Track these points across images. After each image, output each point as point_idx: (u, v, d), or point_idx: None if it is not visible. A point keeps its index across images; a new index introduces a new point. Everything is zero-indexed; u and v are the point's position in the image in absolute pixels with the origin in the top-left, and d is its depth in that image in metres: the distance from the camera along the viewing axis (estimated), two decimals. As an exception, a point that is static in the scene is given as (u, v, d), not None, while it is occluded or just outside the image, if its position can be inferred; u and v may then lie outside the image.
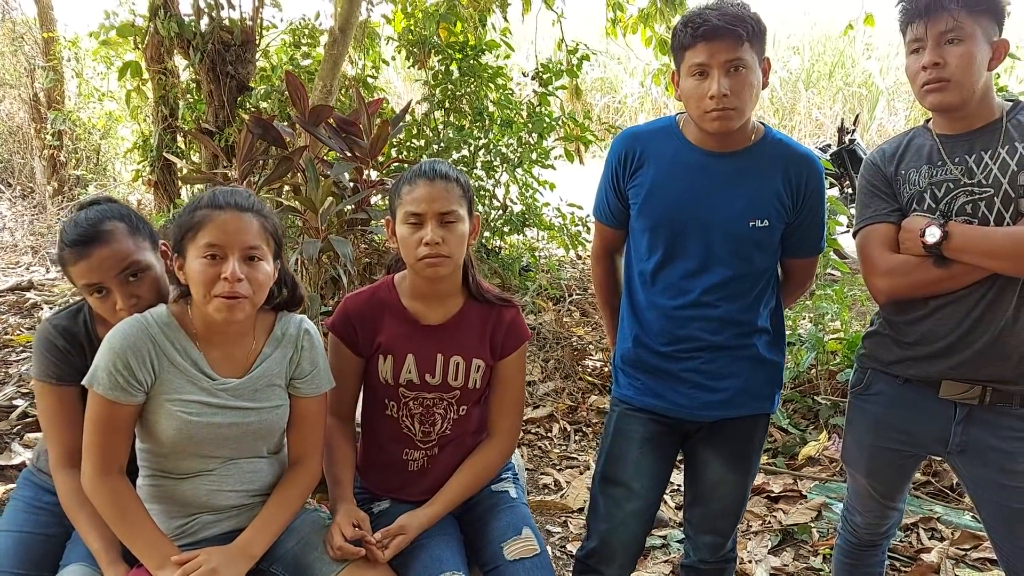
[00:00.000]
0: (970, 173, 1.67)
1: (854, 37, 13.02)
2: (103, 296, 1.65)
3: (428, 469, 1.84)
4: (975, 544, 2.85)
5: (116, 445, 1.56)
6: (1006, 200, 1.63)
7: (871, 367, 1.85)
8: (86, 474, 1.56)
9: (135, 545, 1.53)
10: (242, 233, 1.54)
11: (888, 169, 1.77)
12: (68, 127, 8.13)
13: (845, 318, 3.96)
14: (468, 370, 1.81)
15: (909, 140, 1.78)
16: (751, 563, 2.80)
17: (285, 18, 6.53)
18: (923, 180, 1.71)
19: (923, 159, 1.73)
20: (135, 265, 1.66)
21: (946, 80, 1.61)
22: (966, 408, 1.71)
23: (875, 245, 1.74)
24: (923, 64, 1.63)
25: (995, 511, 1.75)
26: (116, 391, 1.52)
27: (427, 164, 1.75)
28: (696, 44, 1.67)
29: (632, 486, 1.87)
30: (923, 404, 1.76)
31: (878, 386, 1.83)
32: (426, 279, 1.76)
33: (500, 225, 5.53)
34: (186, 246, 1.56)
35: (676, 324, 1.82)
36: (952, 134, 1.71)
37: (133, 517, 1.54)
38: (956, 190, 1.67)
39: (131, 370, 1.53)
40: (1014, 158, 1.63)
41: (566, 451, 3.70)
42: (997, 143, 1.65)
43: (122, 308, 1.63)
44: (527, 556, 1.71)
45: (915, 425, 1.79)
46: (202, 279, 1.52)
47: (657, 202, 1.81)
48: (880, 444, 1.85)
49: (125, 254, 1.65)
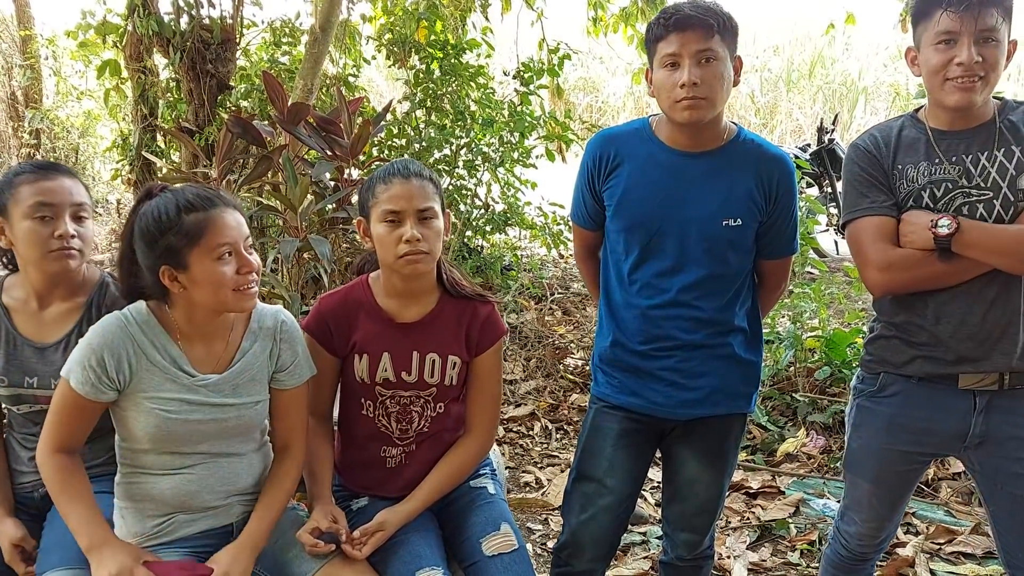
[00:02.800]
0: (968, 175, 1.66)
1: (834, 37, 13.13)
2: (45, 222, 1.71)
3: (406, 466, 1.84)
4: (949, 538, 2.89)
5: (74, 431, 1.60)
6: (1005, 203, 1.64)
7: (882, 370, 1.81)
8: (40, 447, 1.59)
9: (70, 520, 1.55)
10: (240, 227, 1.60)
11: (885, 160, 1.73)
12: (46, 126, 8.06)
13: (823, 316, 4.00)
14: (444, 367, 1.81)
15: (900, 131, 1.74)
16: (730, 559, 2.83)
17: (265, 17, 6.49)
18: (922, 178, 1.69)
19: (920, 155, 1.70)
20: (84, 208, 1.77)
21: (980, 78, 1.59)
22: (986, 396, 1.70)
23: (873, 238, 1.70)
24: (960, 60, 1.58)
25: (1006, 502, 1.74)
26: (86, 387, 1.54)
27: (399, 163, 1.76)
28: (668, 35, 1.69)
29: (606, 482, 1.89)
30: (941, 400, 1.74)
31: (893, 387, 1.79)
32: (405, 277, 1.76)
33: (482, 224, 5.53)
34: (189, 252, 1.53)
35: (652, 323, 1.84)
36: (948, 130, 1.69)
37: (75, 493, 1.56)
38: (955, 191, 1.67)
39: (104, 368, 1.54)
40: (1012, 161, 1.64)
41: (547, 449, 3.72)
42: (993, 145, 1.65)
43: (62, 235, 1.70)
44: (505, 551, 1.72)
45: (932, 423, 1.75)
46: (221, 279, 1.54)
47: (631, 203, 1.82)
48: (892, 446, 1.81)
49: (82, 194, 1.78)
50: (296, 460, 1.74)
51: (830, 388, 3.83)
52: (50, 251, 1.71)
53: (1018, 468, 1.70)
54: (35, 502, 1.80)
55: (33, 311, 1.79)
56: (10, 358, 1.76)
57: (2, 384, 1.77)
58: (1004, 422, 1.70)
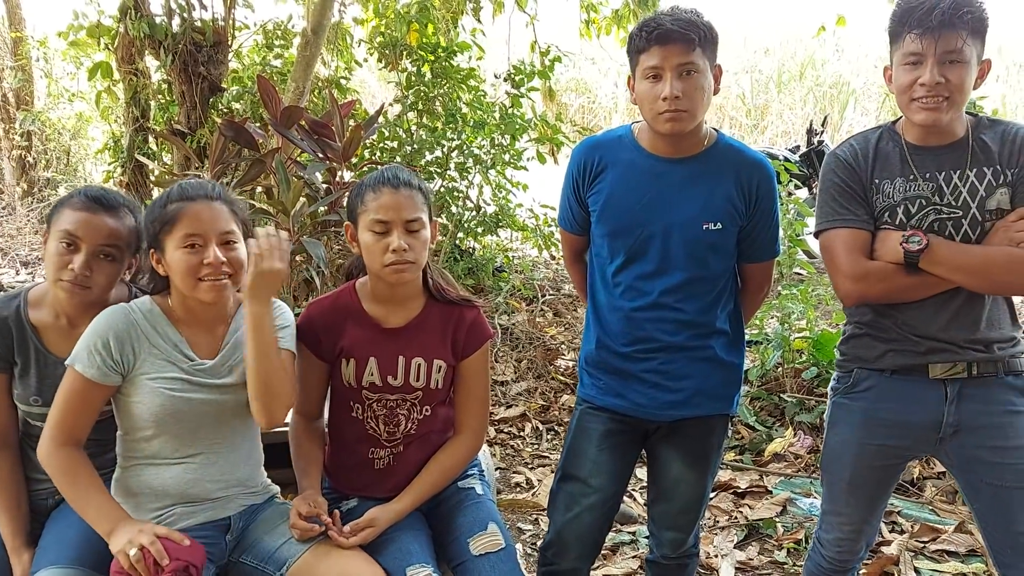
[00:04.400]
0: (940, 192, 1.72)
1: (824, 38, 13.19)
2: (68, 251, 1.70)
3: (394, 467, 1.87)
4: (934, 537, 2.94)
5: (80, 421, 1.64)
6: (973, 223, 1.71)
7: (856, 366, 1.85)
8: (44, 443, 1.62)
9: (87, 511, 1.59)
10: (217, 221, 1.65)
11: (863, 173, 1.77)
12: (38, 128, 8.04)
13: (811, 317, 4.04)
14: (430, 371, 1.84)
15: (876, 143, 1.79)
16: (717, 557, 2.86)
17: (257, 19, 6.51)
18: (897, 194, 1.74)
19: (896, 171, 1.75)
20: (115, 248, 1.74)
21: (945, 99, 1.64)
22: (957, 385, 1.75)
23: (847, 250, 1.75)
24: (923, 81, 1.64)
25: (988, 496, 1.77)
26: (92, 370, 1.60)
27: (389, 171, 1.79)
28: (650, 47, 1.72)
29: (590, 482, 1.92)
30: (914, 391, 1.78)
31: (867, 383, 1.83)
32: (391, 284, 1.79)
33: (474, 226, 5.56)
34: (163, 240, 1.65)
35: (635, 325, 1.87)
36: (922, 145, 1.74)
37: (84, 483, 1.61)
38: (928, 207, 1.72)
39: (110, 351, 1.61)
40: (983, 183, 1.70)
41: (538, 450, 3.75)
42: (966, 164, 1.71)
43: (73, 269, 1.68)
44: (492, 551, 1.75)
45: (906, 415, 1.79)
46: (186, 267, 1.62)
47: (615, 208, 1.86)
48: (868, 441, 1.84)
49: (116, 234, 1.74)
50: None
51: (817, 388, 3.86)
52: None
53: (994, 456, 1.74)
54: (47, 509, 1.81)
55: (64, 330, 1.78)
56: (43, 377, 1.76)
57: (36, 403, 1.76)
58: (976, 410, 1.75)
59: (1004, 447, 1.73)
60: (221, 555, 1.72)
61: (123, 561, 1.52)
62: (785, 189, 4.43)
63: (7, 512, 1.74)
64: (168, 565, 1.51)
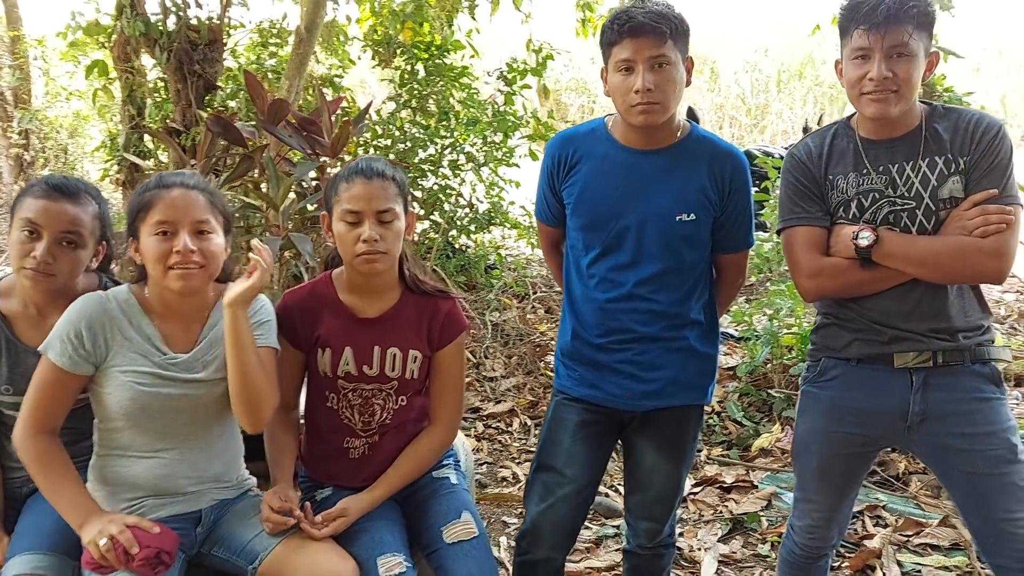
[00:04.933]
0: (893, 184, 1.74)
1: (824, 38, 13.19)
2: (30, 239, 1.70)
3: (369, 456, 1.88)
4: (917, 530, 2.94)
5: (54, 409, 1.64)
6: (927, 213, 1.72)
7: (823, 355, 1.88)
8: (19, 430, 1.63)
9: (59, 501, 1.60)
10: (190, 208, 1.63)
11: (817, 171, 1.81)
12: (35, 126, 8.09)
13: (799, 313, 4.04)
14: (405, 361, 1.85)
15: (832, 140, 1.82)
16: (700, 550, 2.87)
17: (253, 18, 6.53)
18: (851, 189, 1.77)
19: (849, 166, 1.78)
20: (77, 235, 1.74)
21: (893, 92, 1.67)
22: (922, 374, 1.76)
23: (804, 248, 1.80)
24: (871, 76, 1.66)
25: (963, 484, 1.78)
26: (64, 359, 1.60)
27: (364, 162, 1.80)
28: (622, 40, 1.74)
29: (565, 472, 1.93)
30: (879, 380, 1.79)
31: (834, 371, 1.86)
32: (363, 275, 1.80)
33: (467, 224, 5.57)
34: (139, 227, 1.65)
35: (609, 316, 1.88)
36: (876, 139, 1.77)
37: (58, 474, 1.62)
38: (881, 200, 1.75)
39: (82, 341, 1.61)
40: (934, 172, 1.71)
41: (525, 445, 3.76)
42: (918, 155, 1.73)
43: (35, 256, 1.68)
44: (465, 539, 1.77)
45: (872, 403, 1.81)
46: (155, 255, 1.61)
47: (589, 201, 1.87)
48: (834, 429, 1.85)
49: (77, 220, 1.74)
50: None
51: (806, 384, 3.87)
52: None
53: (963, 444, 1.75)
54: (23, 496, 1.82)
55: (34, 319, 1.79)
56: (13, 367, 1.77)
57: (8, 393, 1.77)
58: (943, 399, 1.76)
59: (973, 433, 1.73)
60: (192, 545, 1.73)
61: (93, 551, 1.53)
62: (774, 186, 4.42)
63: None
64: (138, 553, 1.53)
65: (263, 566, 1.67)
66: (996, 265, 1.67)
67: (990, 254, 1.66)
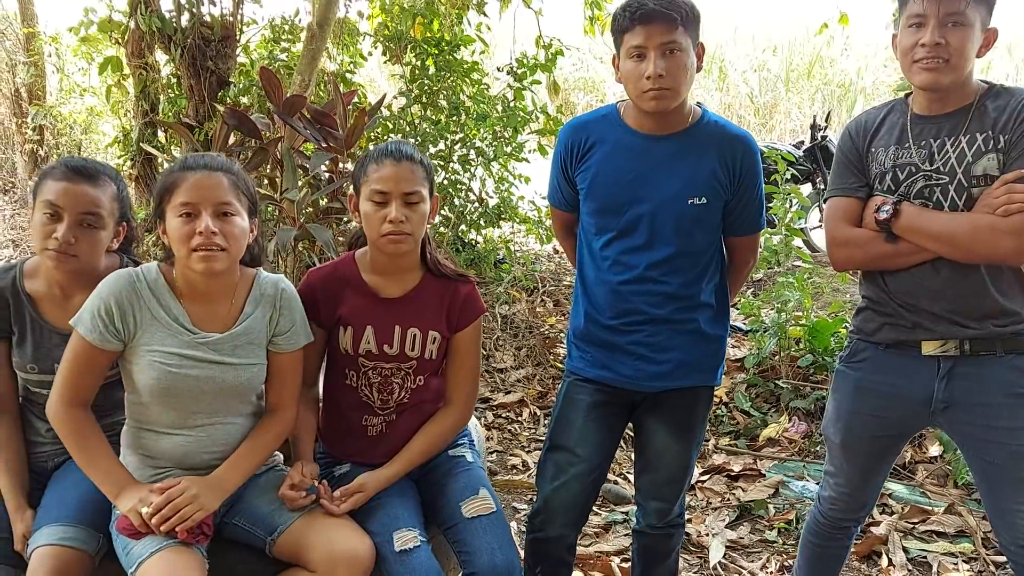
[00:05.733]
0: (931, 159, 1.75)
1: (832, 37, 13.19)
2: (51, 221, 1.75)
3: (387, 434, 1.93)
4: (923, 518, 2.98)
5: (86, 383, 1.68)
6: (959, 189, 1.72)
7: (857, 338, 1.92)
8: (53, 403, 1.67)
9: (94, 472, 1.66)
10: (213, 190, 1.66)
11: (861, 144, 1.84)
12: (49, 122, 8.15)
13: (808, 306, 4.08)
14: (424, 341, 1.90)
15: (886, 115, 1.84)
16: (708, 536, 2.91)
17: (265, 14, 6.58)
18: (888, 161, 1.79)
19: (893, 139, 1.80)
20: (96, 216, 1.78)
21: (944, 61, 1.66)
22: (949, 363, 1.78)
23: (837, 218, 1.85)
24: (923, 41, 1.67)
25: (978, 468, 1.83)
26: (94, 334, 1.64)
27: (393, 144, 1.85)
28: (634, 27, 1.78)
29: (577, 451, 1.98)
30: (905, 366, 1.82)
31: (864, 353, 1.90)
32: (388, 255, 1.85)
33: (476, 219, 5.61)
34: (164, 208, 1.68)
35: (622, 298, 1.93)
36: (926, 115, 1.78)
37: (93, 446, 1.67)
38: (917, 174, 1.76)
39: (112, 318, 1.65)
40: (971, 148, 1.71)
41: (535, 434, 3.80)
42: (961, 130, 1.72)
43: (57, 237, 1.72)
44: (484, 514, 1.81)
45: (897, 388, 1.83)
46: (179, 236, 1.64)
47: (601, 186, 1.92)
48: (858, 409, 1.90)
49: (97, 202, 1.78)
50: (283, 422, 1.82)
51: (813, 376, 3.91)
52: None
53: (987, 435, 1.77)
54: (48, 472, 1.87)
55: (58, 299, 1.83)
56: (38, 346, 1.82)
57: (33, 371, 1.83)
58: (968, 389, 1.77)
59: (995, 426, 1.75)
60: (216, 515, 1.77)
61: (134, 518, 1.59)
62: (783, 178, 4.45)
63: (8, 474, 1.79)
64: (183, 525, 1.59)
65: (280, 540, 1.71)
66: (1012, 243, 1.64)
67: (1007, 232, 1.64)
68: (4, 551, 1.72)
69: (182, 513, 1.59)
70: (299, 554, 1.69)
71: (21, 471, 1.83)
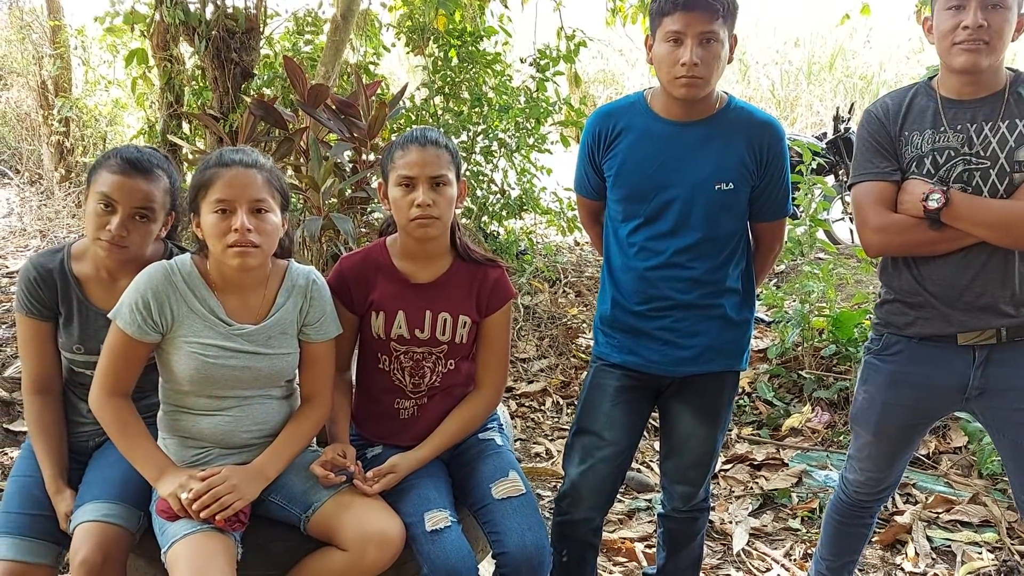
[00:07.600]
0: (970, 143, 1.75)
1: (855, 29, 13.07)
2: (105, 212, 1.78)
3: (418, 418, 1.96)
4: (947, 507, 2.97)
5: (125, 373, 1.73)
6: (1001, 174, 1.73)
7: (887, 332, 1.92)
8: (95, 393, 1.73)
9: (136, 458, 1.70)
10: (248, 187, 1.69)
11: (892, 127, 1.83)
12: (75, 114, 8.23)
13: (831, 297, 4.07)
14: (455, 326, 1.93)
15: (911, 99, 1.83)
16: (732, 523, 2.93)
17: (289, 6, 6.64)
18: (926, 145, 1.78)
19: (927, 123, 1.79)
20: (150, 210, 1.81)
21: (985, 43, 1.67)
22: (985, 350, 1.79)
23: (872, 202, 1.82)
24: (966, 23, 1.67)
25: (1009, 449, 1.84)
26: (132, 327, 1.68)
27: (418, 130, 1.88)
28: (674, 12, 1.78)
29: (604, 435, 2.00)
30: (941, 356, 1.83)
31: (897, 346, 1.89)
32: (417, 239, 1.88)
33: (498, 210, 5.64)
34: (200, 204, 1.72)
35: (649, 284, 1.95)
36: (958, 99, 1.78)
37: (134, 434, 1.72)
38: (956, 158, 1.76)
39: (150, 311, 1.69)
40: (1013, 134, 1.72)
41: (558, 423, 3.83)
42: (998, 116, 1.73)
43: (111, 229, 1.76)
44: (514, 495, 1.84)
45: (933, 379, 1.85)
46: (215, 232, 1.67)
47: (629, 173, 1.93)
48: (893, 401, 1.90)
49: (150, 196, 1.81)
50: (318, 410, 1.87)
51: (836, 366, 3.90)
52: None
53: (1018, 417, 1.79)
54: (89, 451, 1.92)
55: (105, 282, 1.88)
56: (85, 327, 1.87)
57: (79, 352, 1.87)
58: (1003, 374, 1.79)
59: None
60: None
61: (173, 503, 1.63)
62: (808, 168, 4.44)
63: (49, 454, 1.84)
64: (221, 513, 1.63)
65: (313, 518, 1.75)
66: None
67: None
68: (49, 528, 1.77)
69: (222, 501, 1.63)
70: (331, 533, 1.73)
71: (62, 452, 1.87)
